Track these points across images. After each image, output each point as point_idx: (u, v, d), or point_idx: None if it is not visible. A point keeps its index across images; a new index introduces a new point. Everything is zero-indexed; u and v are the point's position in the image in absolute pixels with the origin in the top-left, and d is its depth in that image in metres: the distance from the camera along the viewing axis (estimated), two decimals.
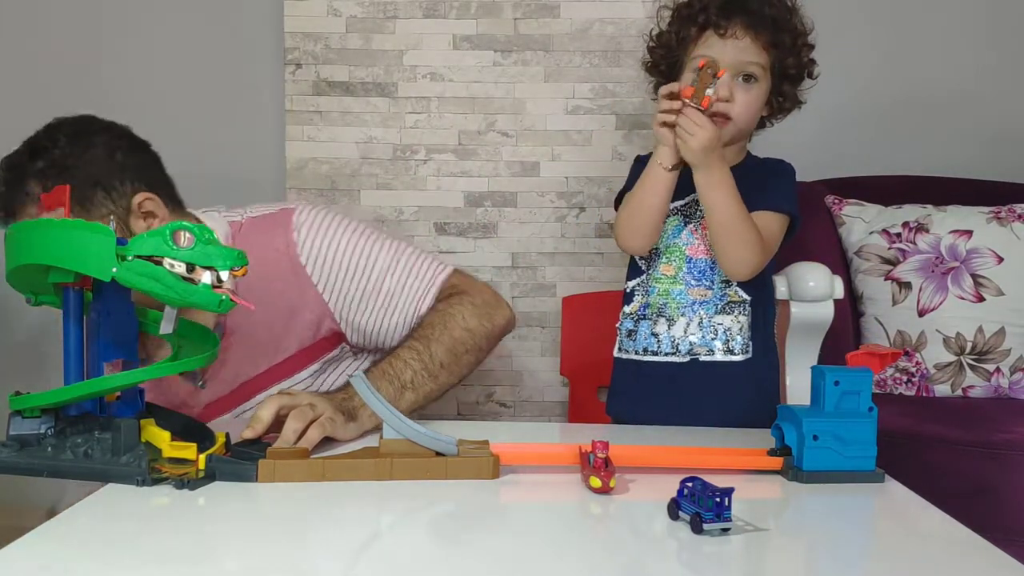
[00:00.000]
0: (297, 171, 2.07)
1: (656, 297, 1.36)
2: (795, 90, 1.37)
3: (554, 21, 2.05)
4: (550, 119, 2.06)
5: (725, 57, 1.29)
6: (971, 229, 1.91)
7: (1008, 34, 2.20)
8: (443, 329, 1.33)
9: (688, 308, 1.35)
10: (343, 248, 1.38)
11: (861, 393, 1.05)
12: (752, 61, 1.30)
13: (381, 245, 1.40)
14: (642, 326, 1.37)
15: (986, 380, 1.86)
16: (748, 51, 1.29)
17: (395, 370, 1.27)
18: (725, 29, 1.29)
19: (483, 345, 1.37)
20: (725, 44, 1.29)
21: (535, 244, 2.09)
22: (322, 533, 0.88)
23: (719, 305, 1.34)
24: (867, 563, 0.88)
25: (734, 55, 1.29)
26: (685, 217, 1.36)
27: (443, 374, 1.30)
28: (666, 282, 1.36)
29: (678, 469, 0.99)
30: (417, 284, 1.39)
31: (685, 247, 1.35)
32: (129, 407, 1.06)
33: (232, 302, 0.95)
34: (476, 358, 1.36)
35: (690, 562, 0.84)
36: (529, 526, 0.93)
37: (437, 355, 1.30)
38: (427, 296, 1.39)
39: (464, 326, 1.34)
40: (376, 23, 2.05)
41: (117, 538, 0.87)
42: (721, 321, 1.34)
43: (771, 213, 1.33)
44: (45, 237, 0.96)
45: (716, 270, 1.34)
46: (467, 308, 1.36)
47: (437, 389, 1.30)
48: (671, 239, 1.36)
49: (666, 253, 1.36)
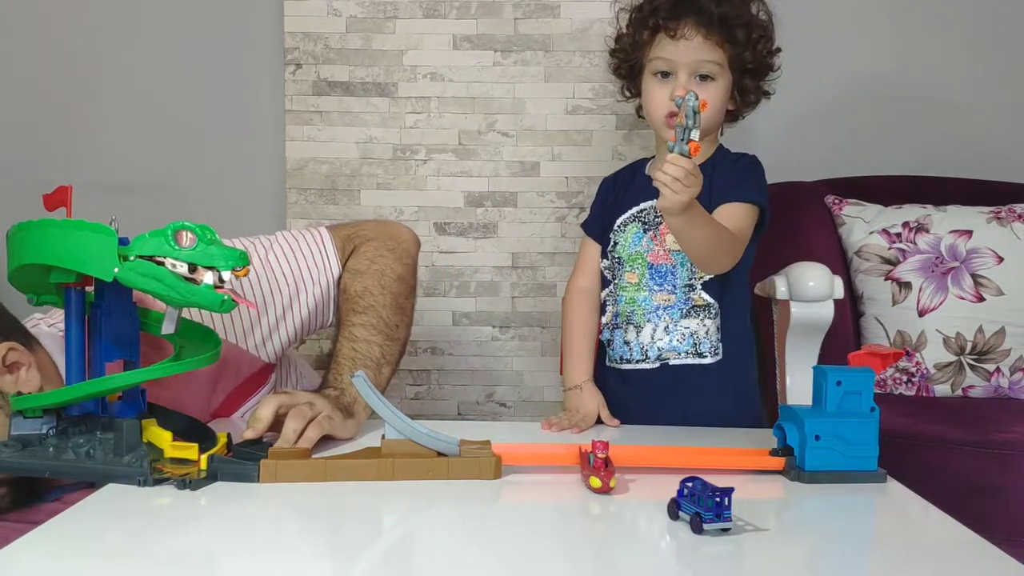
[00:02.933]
0: (297, 171, 2.07)
1: (624, 305, 1.38)
2: (758, 83, 1.36)
3: (554, 21, 2.05)
4: (550, 119, 2.06)
5: (678, 57, 1.30)
6: (971, 229, 1.91)
7: (1009, 34, 2.20)
8: (380, 289, 1.30)
9: (653, 314, 1.36)
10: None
11: (863, 393, 1.05)
12: (706, 60, 1.30)
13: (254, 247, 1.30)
14: (616, 335, 1.40)
15: (986, 380, 1.86)
16: (700, 50, 1.30)
17: (363, 352, 1.26)
18: (675, 30, 1.29)
19: (413, 282, 1.35)
20: (677, 45, 1.30)
21: (535, 244, 2.09)
22: (324, 533, 0.88)
23: (684, 309, 1.35)
24: (868, 563, 0.88)
25: (687, 55, 1.30)
26: (644, 224, 1.38)
27: (399, 331, 1.30)
28: (631, 290, 1.37)
29: (678, 469, 0.99)
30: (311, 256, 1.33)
31: (647, 254, 1.36)
32: (131, 407, 1.06)
33: (234, 302, 0.95)
34: (414, 298, 1.35)
35: (690, 562, 0.84)
36: (530, 526, 0.93)
37: (388, 318, 1.29)
38: (329, 260, 1.33)
39: (394, 275, 1.32)
40: (376, 23, 2.05)
41: (118, 538, 0.87)
42: (687, 325, 1.35)
43: (742, 204, 1.33)
44: (47, 237, 0.96)
45: (678, 274, 1.35)
46: (386, 256, 1.33)
47: (401, 348, 1.31)
48: (632, 247, 1.38)
49: (629, 261, 1.38)
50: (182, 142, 2.20)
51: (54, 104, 2.20)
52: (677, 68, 1.31)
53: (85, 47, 2.18)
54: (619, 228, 1.40)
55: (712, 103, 1.31)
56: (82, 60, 2.18)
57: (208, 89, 2.18)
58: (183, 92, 2.18)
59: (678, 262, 1.35)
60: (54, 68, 2.18)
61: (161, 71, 2.18)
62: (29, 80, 2.19)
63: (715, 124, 1.37)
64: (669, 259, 1.36)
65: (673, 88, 1.30)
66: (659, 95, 1.33)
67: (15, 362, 1.10)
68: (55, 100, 2.20)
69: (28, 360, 1.12)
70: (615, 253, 1.41)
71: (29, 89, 2.19)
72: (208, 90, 2.18)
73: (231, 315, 1.25)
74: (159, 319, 1.07)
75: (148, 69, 2.18)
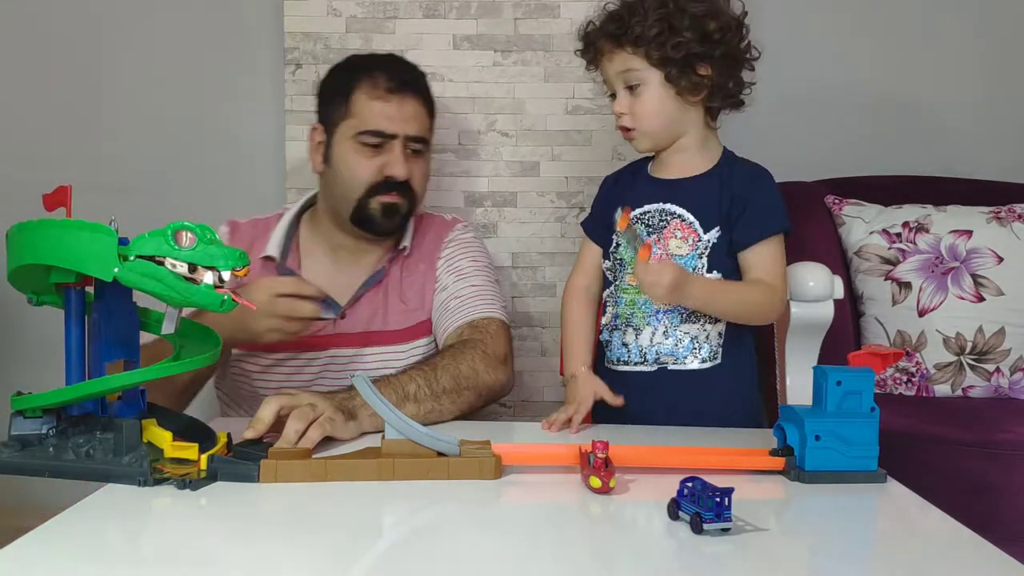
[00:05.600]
0: (297, 171, 2.07)
1: (624, 307, 1.38)
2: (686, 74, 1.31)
3: (554, 21, 2.04)
4: (550, 119, 2.06)
5: (605, 76, 1.37)
6: (971, 229, 1.91)
7: (1009, 35, 2.20)
8: (451, 360, 1.36)
9: (653, 317, 1.36)
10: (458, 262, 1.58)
11: (863, 393, 1.05)
12: (625, 70, 1.33)
13: (473, 266, 1.57)
14: (614, 336, 1.40)
15: (986, 380, 1.86)
16: (618, 62, 1.33)
17: (399, 382, 1.27)
18: (592, 56, 1.37)
19: (483, 391, 1.39)
20: (602, 67, 1.37)
21: (535, 244, 2.09)
22: (324, 533, 0.88)
23: (684, 313, 1.35)
24: (867, 563, 0.88)
25: (608, 73, 1.36)
26: (647, 227, 1.37)
27: (445, 399, 1.31)
28: (632, 292, 1.37)
29: (678, 469, 0.99)
30: (473, 303, 1.51)
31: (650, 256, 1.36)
32: (131, 407, 1.06)
33: (234, 302, 0.95)
34: (475, 398, 1.37)
35: (690, 562, 0.84)
36: (530, 526, 0.93)
37: (441, 380, 1.32)
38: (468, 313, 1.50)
39: (471, 365, 1.38)
40: (376, 23, 2.05)
41: (118, 538, 0.87)
42: (687, 329, 1.35)
43: (770, 241, 1.33)
44: (47, 237, 0.96)
45: None
46: (478, 354, 1.41)
47: (438, 410, 1.30)
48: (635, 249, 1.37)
49: (631, 263, 1.37)
50: (182, 142, 2.20)
51: (54, 104, 2.20)
52: (612, 86, 1.37)
53: (85, 47, 2.18)
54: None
55: (645, 109, 1.33)
56: (82, 60, 2.18)
57: (208, 89, 2.18)
58: (183, 92, 2.18)
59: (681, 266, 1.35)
60: (54, 68, 2.18)
61: (161, 71, 2.18)
62: (29, 80, 2.19)
63: (674, 124, 1.35)
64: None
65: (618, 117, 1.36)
66: (613, 111, 1.38)
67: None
68: (55, 100, 2.20)
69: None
70: (617, 254, 1.40)
71: (29, 89, 2.19)
72: (208, 90, 2.18)
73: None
74: (159, 319, 1.07)
75: (148, 69, 2.18)
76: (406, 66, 1.58)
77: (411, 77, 1.55)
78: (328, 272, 1.56)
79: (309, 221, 1.63)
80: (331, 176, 1.54)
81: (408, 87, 1.52)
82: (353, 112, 1.50)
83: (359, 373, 1.05)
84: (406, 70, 1.56)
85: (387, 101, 1.50)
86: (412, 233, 1.60)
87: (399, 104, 1.50)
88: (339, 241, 1.58)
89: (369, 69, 1.52)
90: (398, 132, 1.50)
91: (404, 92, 1.51)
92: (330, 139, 1.54)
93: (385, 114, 1.49)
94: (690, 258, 1.34)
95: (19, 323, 2.17)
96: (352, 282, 1.56)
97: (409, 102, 1.52)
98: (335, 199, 1.54)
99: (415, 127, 1.52)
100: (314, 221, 1.62)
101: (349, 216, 1.53)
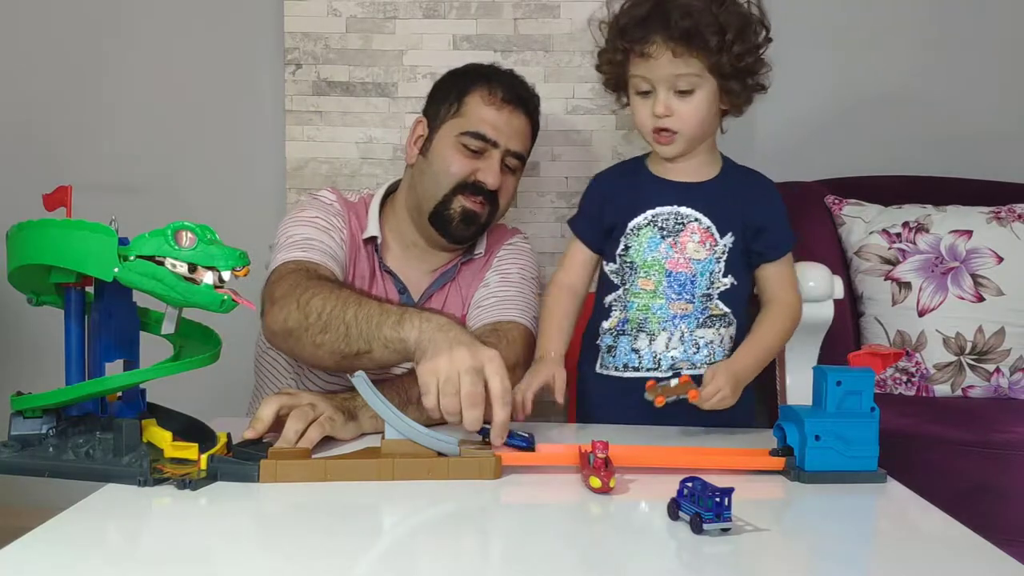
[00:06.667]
0: (297, 171, 2.07)
1: (636, 312, 1.34)
2: (744, 85, 1.31)
3: (554, 21, 2.05)
4: (550, 119, 2.06)
5: (653, 75, 1.28)
6: (971, 229, 1.91)
7: (1009, 35, 2.20)
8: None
9: (669, 323, 1.33)
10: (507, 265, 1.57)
11: (863, 393, 1.05)
12: (679, 74, 1.27)
13: (520, 273, 1.56)
14: (621, 342, 1.35)
15: (986, 380, 1.86)
16: (672, 66, 1.27)
17: (403, 384, 1.26)
18: (642, 51, 1.27)
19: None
20: (649, 64, 1.27)
21: (535, 244, 2.07)
22: (324, 533, 0.88)
23: (700, 319, 1.33)
24: (867, 563, 0.88)
25: (660, 72, 1.27)
26: (661, 230, 1.33)
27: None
28: (646, 296, 1.33)
29: (678, 469, 0.99)
30: (505, 305, 1.50)
31: (664, 261, 1.32)
32: (131, 407, 1.06)
33: (234, 302, 0.95)
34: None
35: (690, 562, 0.84)
36: (530, 526, 0.93)
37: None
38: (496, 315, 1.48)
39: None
40: (376, 23, 2.05)
41: (118, 538, 0.87)
42: (703, 335, 1.33)
43: (784, 259, 1.35)
44: (47, 237, 0.96)
45: (697, 283, 1.32)
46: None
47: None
48: (648, 253, 1.33)
49: (644, 267, 1.33)
50: (182, 142, 2.20)
51: (54, 104, 2.20)
52: (655, 85, 1.29)
53: (85, 47, 2.18)
54: (632, 232, 1.34)
55: (693, 115, 1.29)
56: (82, 60, 2.18)
57: (208, 89, 2.18)
58: (183, 92, 2.18)
59: (698, 271, 1.32)
60: (54, 68, 2.19)
61: (161, 71, 2.18)
62: (29, 80, 2.19)
63: (706, 131, 1.33)
64: (689, 267, 1.32)
65: (654, 104, 1.28)
66: (642, 113, 1.32)
67: None
68: (55, 100, 2.20)
69: None
70: (627, 257, 1.35)
71: (29, 89, 2.19)
72: (208, 90, 2.18)
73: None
74: (159, 319, 1.07)
75: (148, 69, 2.18)
76: (524, 84, 1.58)
77: (526, 95, 1.55)
78: (400, 266, 1.55)
79: (388, 211, 1.60)
80: (423, 167, 1.53)
81: (521, 103, 1.53)
82: (463, 112, 1.51)
83: (359, 373, 1.05)
84: (523, 88, 1.56)
85: (499, 110, 1.50)
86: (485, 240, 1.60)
87: (509, 116, 1.50)
88: (412, 239, 1.57)
89: (489, 78, 1.53)
90: (500, 142, 1.49)
91: (516, 106, 1.52)
92: (432, 134, 1.53)
93: (493, 122, 1.49)
94: (708, 262, 1.32)
95: (19, 323, 2.17)
96: (422, 280, 1.56)
97: (518, 117, 1.52)
98: (421, 192, 1.53)
99: (518, 143, 1.52)
100: (392, 212, 1.59)
101: (429, 212, 1.51)
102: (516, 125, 1.52)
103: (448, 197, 1.49)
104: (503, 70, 1.59)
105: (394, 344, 1.19)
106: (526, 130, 1.55)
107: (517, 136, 1.52)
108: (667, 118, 1.29)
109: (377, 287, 1.53)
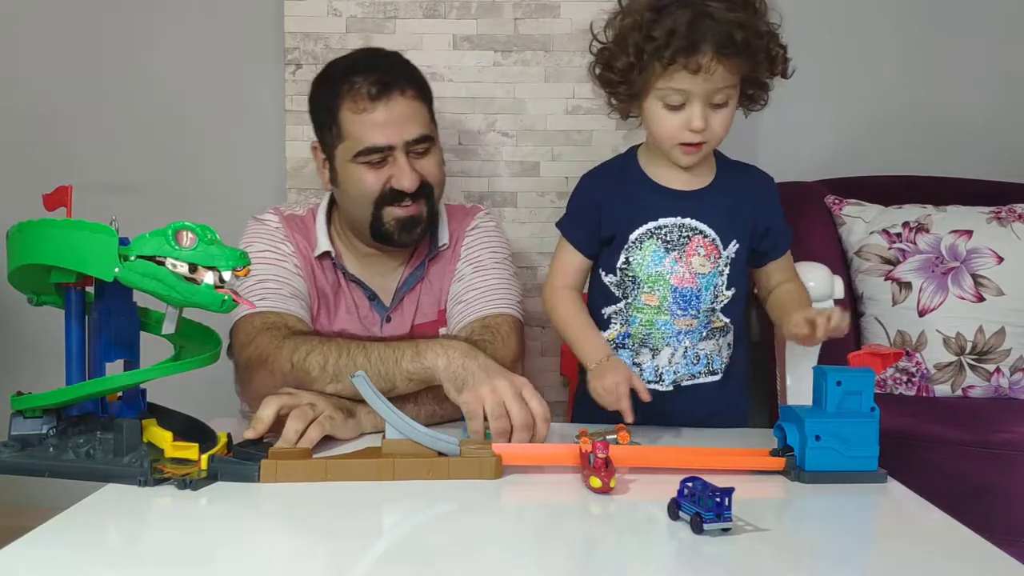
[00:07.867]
0: (297, 171, 2.07)
1: (638, 327, 1.30)
2: (766, 91, 1.28)
3: (554, 21, 2.04)
4: (550, 119, 2.06)
5: (695, 89, 1.19)
6: (971, 229, 1.91)
7: (1009, 35, 2.20)
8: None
9: (673, 338, 1.30)
10: (477, 252, 1.52)
11: (863, 393, 1.05)
12: (722, 88, 1.20)
13: (492, 257, 1.52)
14: (621, 355, 1.31)
15: (986, 380, 1.86)
16: (717, 79, 1.18)
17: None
18: (694, 64, 1.17)
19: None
20: (694, 77, 1.18)
21: (535, 244, 2.08)
22: (324, 533, 0.88)
23: (703, 332, 1.31)
24: (867, 563, 0.88)
25: (704, 86, 1.19)
26: (665, 243, 1.28)
27: (448, 403, 1.24)
28: (649, 312, 1.29)
29: (678, 469, 0.99)
30: (487, 298, 1.46)
31: (669, 276, 1.28)
32: (131, 407, 1.06)
33: (235, 302, 0.95)
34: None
35: (690, 562, 0.84)
36: (530, 526, 0.93)
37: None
38: (481, 309, 1.45)
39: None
40: (376, 23, 2.05)
41: (118, 538, 0.88)
42: (703, 347, 1.31)
43: (788, 254, 1.36)
44: (47, 237, 0.96)
45: (702, 298, 1.29)
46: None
47: (440, 413, 1.29)
48: (652, 267, 1.28)
49: (648, 282, 1.28)
50: (182, 142, 2.20)
51: (55, 104, 2.20)
52: (691, 98, 1.20)
53: (85, 47, 2.18)
54: (634, 244, 1.29)
55: (724, 125, 1.23)
56: (82, 60, 2.18)
57: (208, 89, 2.18)
58: (183, 92, 2.18)
59: (703, 285, 1.28)
60: (54, 68, 2.18)
61: (161, 71, 2.18)
62: (29, 80, 2.19)
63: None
64: (695, 283, 1.28)
65: (689, 118, 1.20)
66: (670, 125, 1.23)
67: None
68: (56, 100, 2.20)
69: None
70: (629, 271, 1.29)
71: (29, 89, 2.19)
72: (208, 90, 2.18)
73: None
74: (159, 319, 1.07)
75: (148, 69, 2.18)
76: (385, 63, 1.46)
77: (392, 77, 1.41)
78: (364, 274, 1.52)
79: (337, 223, 1.55)
80: (340, 194, 1.48)
81: (391, 88, 1.40)
82: (345, 134, 1.41)
83: (359, 372, 1.05)
84: (388, 66, 1.44)
85: (374, 110, 1.39)
86: (447, 227, 1.54)
87: (387, 110, 1.39)
88: (365, 250, 1.52)
89: (348, 77, 1.42)
90: (395, 142, 1.40)
91: (389, 94, 1.40)
92: (332, 163, 1.47)
93: (376, 126, 1.39)
94: (712, 276, 1.28)
95: (19, 323, 2.17)
96: (389, 282, 1.53)
97: (397, 104, 1.40)
98: (350, 215, 1.48)
99: (412, 129, 1.41)
100: (341, 225, 1.54)
101: (368, 232, 1.46)
102: (400, 111, 1.40)
103: (376, 214, 1.43)
104: (360, 59, 1.48)
105: (419, 375, 1.23)
106: (414, 107, 1.43)
107: (408, 121, 1.41)
108: (701, 133, 1.21)
109: (344, 298, 1.49)
